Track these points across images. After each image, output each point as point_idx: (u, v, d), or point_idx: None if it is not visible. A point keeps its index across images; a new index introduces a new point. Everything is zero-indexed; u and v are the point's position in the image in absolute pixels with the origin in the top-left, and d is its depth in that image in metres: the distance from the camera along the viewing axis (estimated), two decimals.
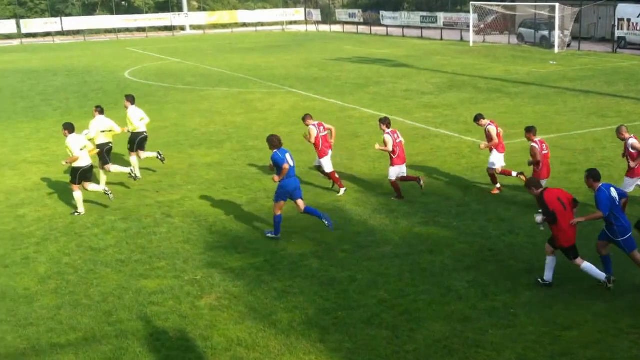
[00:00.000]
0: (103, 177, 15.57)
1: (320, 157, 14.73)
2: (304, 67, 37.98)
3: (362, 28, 66.18)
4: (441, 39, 53.40)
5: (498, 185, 14.50)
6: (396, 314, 9.30)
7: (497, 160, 14.30)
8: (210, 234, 12.63)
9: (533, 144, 12.80)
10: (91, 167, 14.13)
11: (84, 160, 13.75)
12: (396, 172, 14.08)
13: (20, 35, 66.88)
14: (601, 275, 9.68)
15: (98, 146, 15.04)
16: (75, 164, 13.69)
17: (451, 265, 10.83)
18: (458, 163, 16.94)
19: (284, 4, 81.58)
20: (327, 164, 14.77)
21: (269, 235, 12.31)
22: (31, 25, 68.12)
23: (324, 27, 71.75)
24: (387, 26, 62.67)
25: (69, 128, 13.82)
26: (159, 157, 16.65)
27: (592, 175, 9.92)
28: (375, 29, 63.52)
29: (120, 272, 10.97)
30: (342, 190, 14.75)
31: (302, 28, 73.66)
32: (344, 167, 16.65)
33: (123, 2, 75.26)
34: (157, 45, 56.70)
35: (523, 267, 10.62)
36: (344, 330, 8.90)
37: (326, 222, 12.05)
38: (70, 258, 11.59)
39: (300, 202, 12.30)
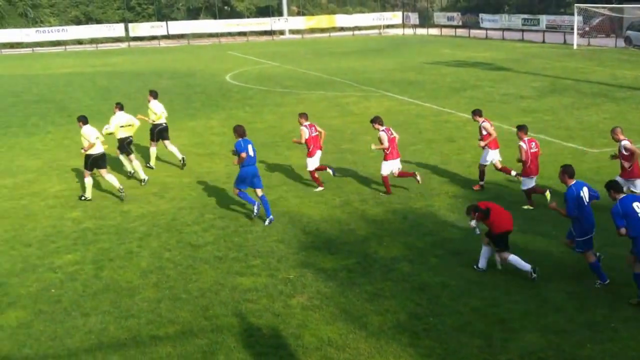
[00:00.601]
0: (127, 164, 17.11)
1: (309, 156, 15.56)
2: (400, 71, 37.82)
3: (460, 31, 65.17)
4: (543, 42, 51.84)
5: (482, 183, 15.17)
6: (489, 322, 9.15)
7: (491, 156, 15.09)
8: (304, 235, 12.83)
9: (521, 144, 13.46)
10: (103, 155, 15.28)
11: (97, 148, 15.05)
12: (389, 167, 14.86)
13: (128, 38, 69.97)
14: (527, 266, 10.33)
15: (119, 140, 16.66)
16: (88, 152, 14.99)
17: (548, 276, 10.53)
18: (558, 170, 16.40)
19: (382, 8, 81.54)
20: (312, 163, 15.60)
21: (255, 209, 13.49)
22: (138, 29, 71.13)
23: (422, 31, 71.12)
24: (486, 29, 61.45)
25: (83, 120, 15.30)
26: (182, 162, 18.00)
27: (567, 172, 10.24)
28: (474, 32, 62.41)
29: (218, 268, 11.33)
30: (320, 188, 15.59)
31: (399, 32, 73.32)
32: (438, 172, 16.51)
33: (226, 7, 77.34)
34: (257, 49, 57.93)
35: (625, 280, 10.19)
36: (435, 337, 8.83)
37: (268, 219, 13.30)
38: (170, 253, 12.07)
39: (259, 191, 13.67)
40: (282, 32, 75.59)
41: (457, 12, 69.66)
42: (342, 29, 75.94)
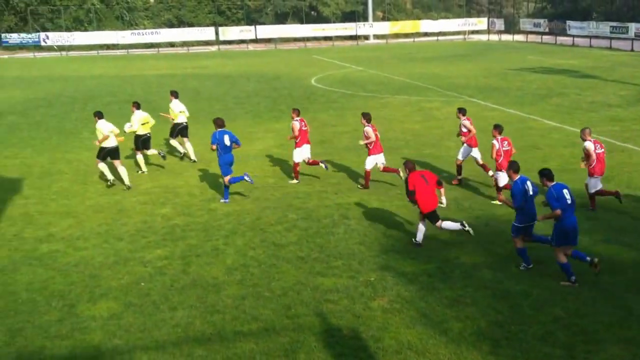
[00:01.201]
0: (142, 159, 18.63)
1: (296, 146, 16.84)
2: (484, 77, 37.26)
3: (546, 38, 63.47)
4: (632, 50, 49.92)
5: (459, 177, 16.44)
6: (572, 333, 8.97)
7: (465, 153, 16.25)
8: (385, 237, 12.91)
9: (494, 142, 14.40)
10: (117, 148, 16.97)
11: (110, 142, 16.76)
12: (373, 160, 16.14)
13: (218, 42, 71.76)
14: (457, 225, 12.15)
15: (138, 136, 18.27)
16: (103, 144, 16.69)
17: (634, 287, 10.22)
18: None
19: (467, 14, 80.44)
20: (298, 155, 16.90)
21: (222, 201, 15.52)
22: (228, 32, 72.86)
23: (507, 37, 69.71)
24: (573, 36, 59.65)
25: (99, 115, 17.12)
26: (191, 159, 19.74)
27: (512, 167, 11.34)
28: (560, 39, 60.70)
29: (300, 268, 11.56)
30: (295, 181, 17.06)
31: (484, 38, 72.13)
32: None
33: (312, 12, 78.33)
34: (342, 53, 58.29)
35: None
36: (516, 345, 8.74)
37: (247, 179, 15.29)
38: (254, 252, 12.39)
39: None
40: (366, 37, 75.81)
41: (543, 19, 67.87)
42: (426, 34, 75.43)
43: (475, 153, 16.29)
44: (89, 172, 18.62)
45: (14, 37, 69.09)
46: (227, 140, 15.21)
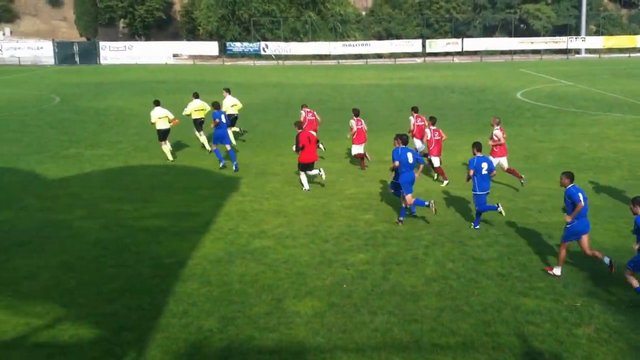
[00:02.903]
0: (204, 139, 23.56)
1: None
2: None
3: None
4: None
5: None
6: None
7: (419, 146, 19.39)
8: (592, 262, 12.16)
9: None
10: (167, 130, 21.65)
11: (161, 124, 21.47)
12: (357, 149, 20.44)
13: (424, 53, 72.14)
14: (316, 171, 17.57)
15: (194, 120, 23.28)
16: (157, 127, 21.50)
17: None
18: None
19: None
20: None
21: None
22: (435, 45, 73.01)
23: None
24: None
25: (155, 103, 21.91)
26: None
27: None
28: None
29: (500, 285, 11.32)
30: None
31: None
32: None
33: (522, 25, 76.00)
34: (551, 67, 55.90)
35: None
36: None
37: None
38: (454, 264, 12.34)
39: (227, 146, 20.71)
40: (577, 51, 72.04)
41: None
42: None
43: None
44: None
45: (237, 46, 74.69)
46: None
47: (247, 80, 50.76)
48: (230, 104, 24.33)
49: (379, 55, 74.56)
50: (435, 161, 18.50)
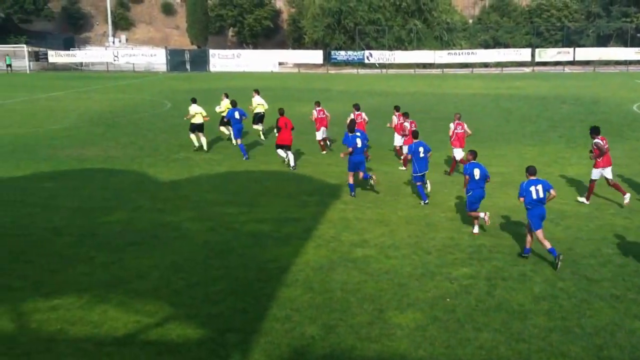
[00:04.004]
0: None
1: (317, 130, 24.49)
2: None
3: None
4: None
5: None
6: None
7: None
8: None
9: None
10: (201, 124, 24.90)
11: (196, 119, 24.84)
12: (320, 134, 24.35)
13: (532, 63, 70.10)
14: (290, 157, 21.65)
15: (222, 117, 26.52)
16: (192, 120, 24.89)
17: None
18: None
19: None
20: (319, 135, 24.70)
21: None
22: (545, 54, 70.83)
23: None
24: None
25: (193, 100, 25.63)
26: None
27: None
28: None
29: (614, 307, 10.75)
30: (323, 152, 24.63)
31: None
32: None
33: (638, 35, 72.48)
34: None
35: None
36: None
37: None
38: (564, 283, 11.82)
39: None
40: None
41: None
42: None
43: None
44: (401, 185, 19.47)
45: (341, 55, 75.26)
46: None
47: (350, 89, 50.98)
48: (257, 104, 27.86)
49: (485, 64, 73.10)
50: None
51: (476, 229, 14.89)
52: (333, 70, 74.86)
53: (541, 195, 12.89)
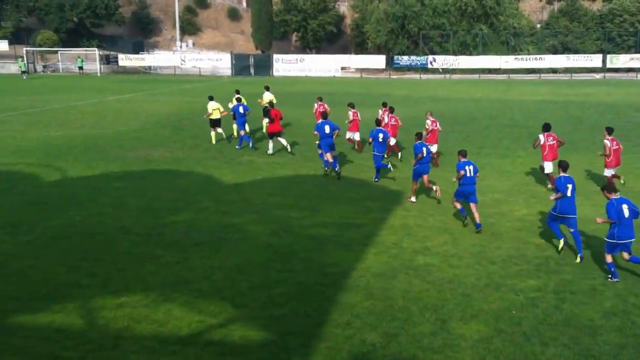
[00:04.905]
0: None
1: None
2: None
3: None
4: None
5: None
6: None
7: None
8: None
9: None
10: (218, 120, 27.28)
11: (215, 115, 27.17)
12: (350, 134, 26.11)
13: (604, 69, 68.14)
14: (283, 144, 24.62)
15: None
16: (211, 117, 27.21)
17: None
18: None
19: None
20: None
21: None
22: (617, 60, 68.76)
23: None
24: None
25: (210, 98, 27.78)
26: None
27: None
28: None
29: None
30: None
31: None
32: None
33: None
34: None
35: None
36: None
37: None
38: (636, 299, 11.40)
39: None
40: None
41: None
42: None
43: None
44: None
45: (404, 59, 74.88)
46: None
47: (412, 94, 50.62)
48: (268, 99, 30.10)
49: (554, 70, 71.44)
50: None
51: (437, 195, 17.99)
52: (395, 75, 74.49)
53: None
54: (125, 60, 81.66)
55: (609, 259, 12.29)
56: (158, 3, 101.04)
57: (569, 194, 13.54)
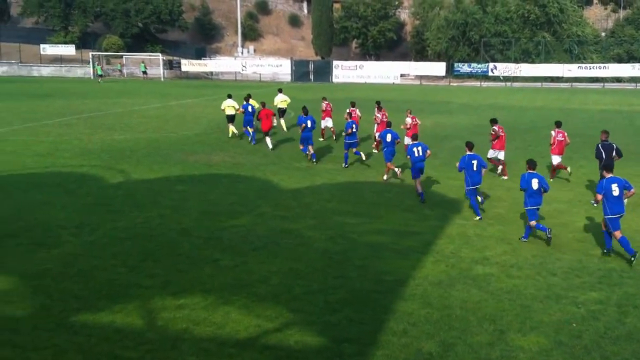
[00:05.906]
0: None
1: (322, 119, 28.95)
2: None
3: None
4: None
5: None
6: None
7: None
8: None
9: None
10: (233, 116, 30.42)
11: (229, 111, 30.54)
12: (323, 124, 30.38)
13: None
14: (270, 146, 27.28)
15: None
16: (225, 113, 30.74)
17: None
18: None
19: None
20: (322, 124, 30.03)
21: None
22: None
23: None
24: None
25: (228, 96, 30.84)
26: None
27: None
28: None
29: None
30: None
31: None
32: None
33: None
34: None
35: None
36: None
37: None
38: None
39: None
40: None
41: None
42: None
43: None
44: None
45: (464, 67, 74.13)
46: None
47: (472, 101, 50.07)
48: (281, 100, 32.17)
49: (618, 79, 69.54)
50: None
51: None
52: (455, 83, 73.79)
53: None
54: (188, 65, 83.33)
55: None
56: (220, 9, 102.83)
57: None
